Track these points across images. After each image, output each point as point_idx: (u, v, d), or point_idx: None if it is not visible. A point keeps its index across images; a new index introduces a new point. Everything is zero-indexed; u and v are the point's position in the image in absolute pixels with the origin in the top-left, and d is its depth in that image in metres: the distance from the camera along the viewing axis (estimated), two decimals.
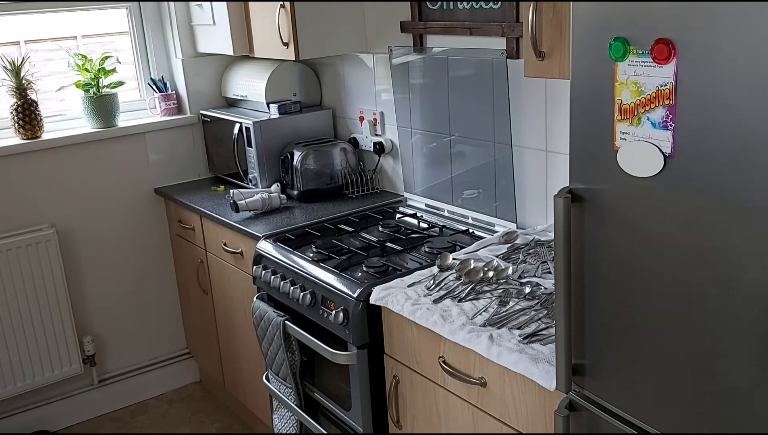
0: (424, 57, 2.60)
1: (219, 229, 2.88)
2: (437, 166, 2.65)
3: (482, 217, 2.50)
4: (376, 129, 2.95)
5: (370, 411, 2.16)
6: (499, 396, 1.70)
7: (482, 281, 1.97)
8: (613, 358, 1.35)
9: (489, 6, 2.31)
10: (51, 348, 3.14)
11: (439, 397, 1.90)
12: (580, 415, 1.44)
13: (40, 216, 3.11)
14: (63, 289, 3.13)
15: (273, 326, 2.38)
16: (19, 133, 3.03)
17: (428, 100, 2.62)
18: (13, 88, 2.98)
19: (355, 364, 2.11)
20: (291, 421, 2.52)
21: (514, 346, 1.63)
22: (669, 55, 1.13)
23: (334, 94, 3.17)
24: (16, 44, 3.13)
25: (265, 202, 2.78)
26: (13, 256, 3.01)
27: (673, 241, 1.20)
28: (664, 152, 1.18)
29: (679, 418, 1.26)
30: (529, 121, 2.30)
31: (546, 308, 1.78)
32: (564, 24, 1.69)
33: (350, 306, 2.06)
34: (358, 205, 2.85)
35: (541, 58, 1.77)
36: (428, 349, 1.89)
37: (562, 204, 1.33)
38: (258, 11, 2.81)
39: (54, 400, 3.27)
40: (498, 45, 2.30)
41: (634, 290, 1.28)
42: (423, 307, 1.86)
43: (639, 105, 1.21)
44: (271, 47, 2.78)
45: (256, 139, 2.97)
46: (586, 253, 1.35)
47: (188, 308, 3.40)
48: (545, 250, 2.12)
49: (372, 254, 2.31)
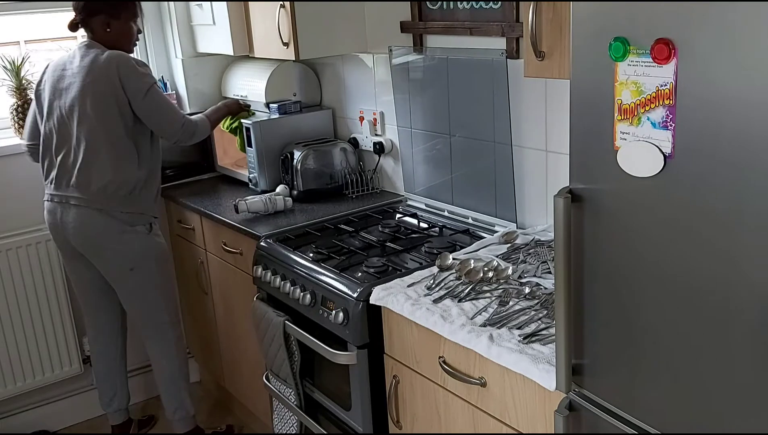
0: (424, 57, 2.60)
1: (219, 229, 2.88)
2: (437, 166, 2.65)
3: (482, 217, 2.50)
4: (376, 129, 2.95)
5: (370, 411, 2.16)
6: (499, 396, 1.70)
7: (482, 281, 1.97)
8: (613, 358, 1.35)
9: (489, 6, 2.31)
10: (51, 348, 3.15)
11: (439, 397, 1.90)
12: (580, 415, 1.44)
13: (40, 216, 3.10)
14: (63, 289, 3.13)
15: (273, 326, 2.38)
16: (19, 133, 3.03)
17: (428, 100, 2.62)
18: (13, 88, 2.99)
19: (355, 364, 2.11)
20: (291, 421, 2.52)
21: (514, 346, 1.63)
22: (669, 55, 1.13)
23: (334, 94, 3.17)
24: (16, 44, 3.13)
25: (267, 205, 2.77)
26: (13, 256, 3.01)
27: (673, 241, 1.20)
28: (664, 152, 1.18)
29: (679, 418, 1.26)
30: (529, 121, 2.30)
31: (546, 308, 1.78)
32: (564, 24, 1.69)
33: (350, 306, 2.06)
34: (358, 205, 2.85)
35: (541, 58, 1.77)
36: (428, 349, 1.89)
37: (562, 204, 1.33)
38: (258, 11, 2.81)
39: (54, 400, 3.27)
40: (498, 45, 2.30)
41: (634, 290, 1.28)
42: (423, 307, 1.86)
43: (639, 105, 1.21)
44: (271, 47, 2.78)
45: (256, 139, 2.97)
46: (586, 253, 1.35)
47: (188, 308, 3.40)
48: (545, 250, 2.12)
49: (372, 254, 2.31)
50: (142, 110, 2.58)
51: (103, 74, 2.53)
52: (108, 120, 2.55)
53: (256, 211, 2.77)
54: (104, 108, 2.54)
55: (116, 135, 2.57)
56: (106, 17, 2.59)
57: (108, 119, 2.55)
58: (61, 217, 2.65)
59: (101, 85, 2.53)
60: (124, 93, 2.54)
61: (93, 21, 2.60)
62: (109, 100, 2.54)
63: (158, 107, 2.61)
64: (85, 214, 2.61)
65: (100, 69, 2.53)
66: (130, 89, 2.54)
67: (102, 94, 2.53)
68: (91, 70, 2.54)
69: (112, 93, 2.53)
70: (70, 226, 2.63)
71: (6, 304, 3.02)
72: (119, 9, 2.62)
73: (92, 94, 2.54)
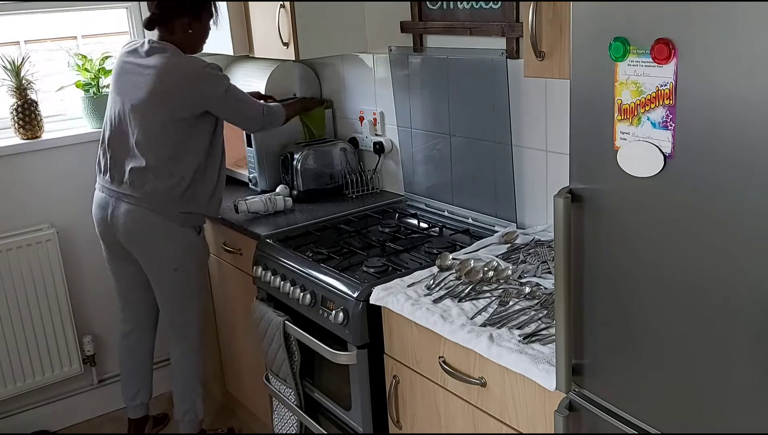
0: (424, 57, 2.60)
1: (219, 229, 2.88)
2: (437, 166, 2.65)
3: (482, 217, 2.50)
4: (376, 129, 2.95)
5: (370, 411, 2.16)
6: (499, 396, 1.70)
7: (482, 281, 1.97)
8: (613, 358, 1.35)
9: (489, 6, 2.31)
10: (51, 348, 3.14)
11: (439, 397, 1.90)
12: (580, 415, 1.44)
13: (40, 216, 3.11)
14: (63, 289, 3.13)
15: (273, 326, 2.38)
16: (19, 133, 3.03)
17: (428, 100, 2.62)
18: (13, 88, 2.98)
19: (355, 364, 2.11)
20: (291, 421, 2.53)
21: (514, 346, 1.63)
22: (669, 55, 1.13)
23: (334, 94, 3.17)
24: (16, 44, 3.13)
25: (267, 205, 2.77)
26: (13, 256, 3.01)
27: (673, 241, 1.20)
28: (664, 152, 1.18)
29: (679, 418, 1.26)
30: (529, 121, 2.30)
31: (546, 308, 1.78)
32: (564, 24, 1.69)
33: (350, 306, 2.06)
34: (358, 205, 2.85)
35: (541, 58, 1.77)
36: (428, 349, 1.89)
37: (562, 204, 1.33)
38: (258, 11, 2.81)
39: (54, 400, 3.27)
40: (498, 45, 2.30)
41: (634, 290, 1.28)
42: (423, 307, 1.86)
43: (639, 105, 1.21)
44: (271, 47, 2.78)
45: (255, 139, 2.97)
46: (586, 253, 1.35)
47: None
48: (545, 250, 2.12)
49: (372, 254, 2.31)
50: (224, 112, 2.58)
51: (180, 82, 2.49)
52: (171, 126, 2.51)
53: (256, 211, 2.77)
54: (170, 114, 2.50)
55: (176, 139, 2.54)
56: (190, 19, 2.57)
57: (171, 125, 2.51)
58: (112, 212, 2.63)
59: (172, 93, 2.49)
60: (201, 100, 2.51)
61: (176, 22, 2.56)
62: (177, 107, 2.49)
63: (239, 104, 2.62)
64: (137, 212, 2.58)
65: (177, 77, 2.49)
66: (209, 96, 2.51)
67: (171, 101, 2.49)
68: (164, 73, 2.49)
69: (183, 102, 2.49)
70: (120, 223, 2.61)
71: (6, 304, 3.02)
72: (201, 10, 2.61)
73: (161, 99, 2.49)
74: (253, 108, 2.67)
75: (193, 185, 2.60)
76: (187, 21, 2.57)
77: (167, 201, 2.57)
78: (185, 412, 2.90)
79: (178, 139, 2.54)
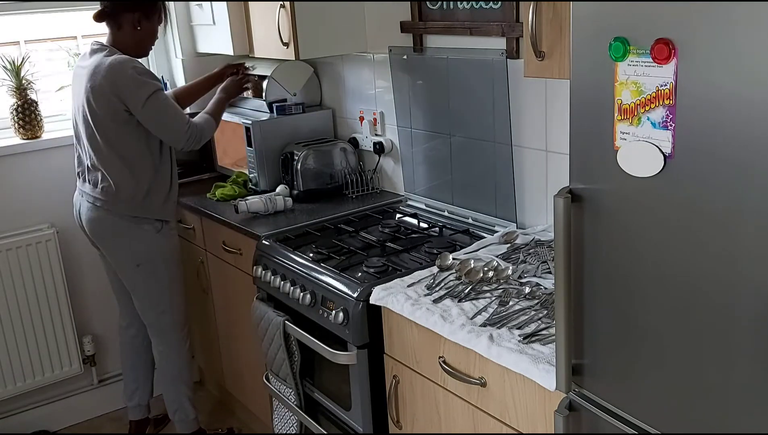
0: (424, 57, 2.60)
1: (219, 229, 2.88)
2: (437, 166, 2.65)
3: (482, 217, 2.50)
4: (376, 129, 2.95)
5: (370, 411, 2.16)
6: (499, 396, 1.70)
7: (482, 281, 1.97)
8: (612, 358, 1.35)
9: (489, 6, 2.31)
10: (51, 348, 3.15)
11: (439, 397, 1.90)
12: (580, 415, 1.44)
13: (40, 216, 3.11)
14: (63, 289, 3.13)
15: (273, 326, 2.38)
16: (19, 133, 3.03)
17: (428, 100, 2.62)
18: (13, 88, 2.99)
19: (355, 364, 2.11)
20: (291, 421, 2.52)
21: (514, 346, 1.63)
22: (669, 55, 1.13)
23: (334, 94, 3.17)
24: (16, 44, 3.13)
25: (267, 205, 2.77)
26: (12, 256, 3.01)
27: (673, 241, 1.20)
28: (664, 152, 1.18)
29: (679, 418, 1.26)
30: (529, 121, 2.30)
31: (546, 308, 1.78)
32: (564, 24, 1.69)
33: (350, 306, 2.06)
34: (358, 205, 2.85)
35: (541, 58, 1.77)
36: (428, 349, 1.89)
37: (562, 204, 1.33)
38: (258, 11, 2.81)
39: (54, 400, 3.27)
40: (498, 45, 2.30)
41: (634, 290, 1.28)
42: (423, 307, 1.86)
43: (639, 105, 1.21)
44: (271, 47, 2.78)
45: (255, 139, 2.97)
46: (586, 253, 1.35)
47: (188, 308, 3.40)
48: (545, 250, 2.12)
49: (372, 254, 2.31)
50: (144, 120, 2.56)
51: (104, 82, 2.50)
52: (108, 126, 2.55)
53: (256, 211, 2.77)
54: (104, 115, 2.53)
55: (119, 140, 2.57)
56: (140, 16, 2.58)
57: (108, 126, 2.55)
58: (79, 210, 2.74)
59: (101, 93, 2.51)
60: (119, 102, 2.51)
61: (125, 16, 2.56)
62: (108, 108, 2.52)
63: (159, 116, 2.56)
64: (93, 211, 2.66)
65: (102, 76, 2.51)
66: (129, 99, 2.51)
67: (102, 102, 2.52)
68: (94, 75, 2.51)
69: (110, 102, 2.52)
70: (84, 220, 2.72)
71: (6, 304, 3.02)
72: (153, 10, 2.61)
73: (94, 99, 2.53)
74: (177, 122, 2.59)
75: (145, 190, 2.64)
76: (138, 17, 2.58)
77: (117, 203, 2.63)
78: (175, 412, 2.92)
79: (118, 141, 2.57)
